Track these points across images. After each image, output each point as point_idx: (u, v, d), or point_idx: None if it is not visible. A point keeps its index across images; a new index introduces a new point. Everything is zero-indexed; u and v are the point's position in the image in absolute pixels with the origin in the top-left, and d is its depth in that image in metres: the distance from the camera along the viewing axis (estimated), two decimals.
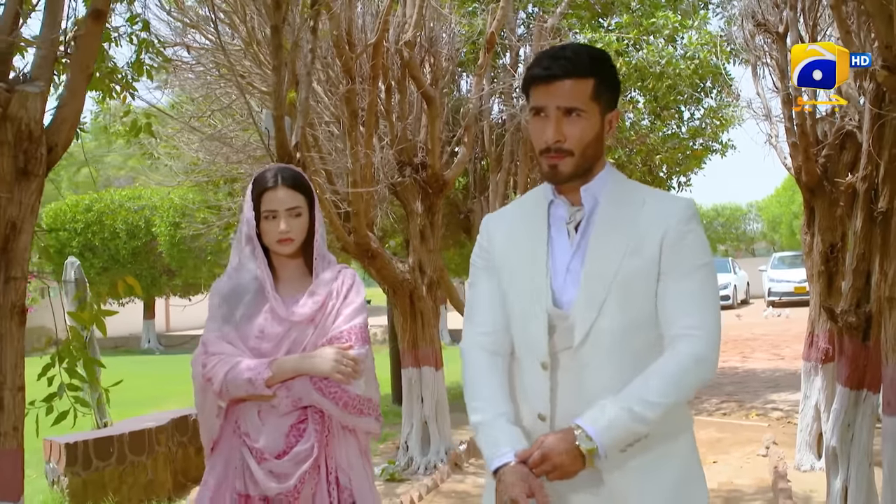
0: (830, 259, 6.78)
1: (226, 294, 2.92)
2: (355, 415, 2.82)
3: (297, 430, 2.79)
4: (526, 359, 2.24)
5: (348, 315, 2.87)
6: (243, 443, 2.81)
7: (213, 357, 2.82)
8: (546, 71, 2.14)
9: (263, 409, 2.80)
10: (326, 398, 2.77)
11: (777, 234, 48.64)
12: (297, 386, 2.77)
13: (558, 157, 2.16)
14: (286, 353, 2.82)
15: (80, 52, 3.32)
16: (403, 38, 7.61)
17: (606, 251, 2.15)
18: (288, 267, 2.95)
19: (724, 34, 10.47)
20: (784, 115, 6.87)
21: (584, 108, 2.14)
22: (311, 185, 2.95)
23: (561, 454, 2.04)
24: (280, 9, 5.34)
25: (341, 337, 2.83)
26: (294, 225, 2.85)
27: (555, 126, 2.13)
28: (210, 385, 2.79)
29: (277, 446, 2.77)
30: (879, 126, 4.43)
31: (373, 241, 7.74)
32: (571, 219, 2.24)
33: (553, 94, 2.13)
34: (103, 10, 3.37)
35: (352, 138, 7.19)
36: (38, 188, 3.11)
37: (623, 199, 2.22)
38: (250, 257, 2.93)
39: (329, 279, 2.91)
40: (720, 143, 12.11)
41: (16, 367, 3.05)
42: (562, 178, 2.19)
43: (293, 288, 2.92)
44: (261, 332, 2.84)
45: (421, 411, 8.14)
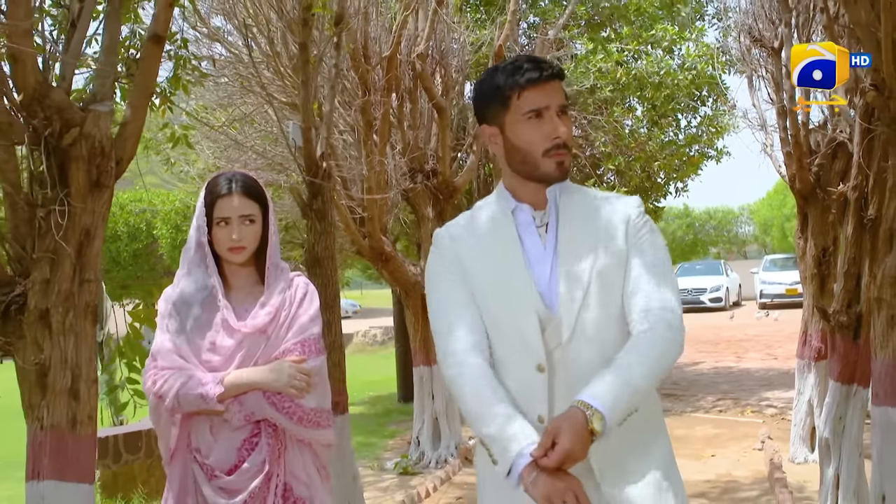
0: (823, 262, 7.08)
1: (175, 302, 2.82)
2: (311, 428, 2.76)
3: (249, 443, 2.71)
4: (518, 363, 2.21)
5: (302, 326, 2.79)
6: (194, 459, 2.73)
7: (163, 372, 2.72)
8: (542, 72, 2.19)
9: (216, 423, 2.73)
10: (280, 413, 2.70)
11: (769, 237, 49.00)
12: (249, 400, 2.68)
13: (565, 154, 2.21)
14: (238, 366, 2.72)
15: (142, 73, 3.60)
16: (416, 51, 7.91)
17: (578, 249, 2.20)
18: (239, 275, 2.86)
19: (721, 45, 10.82)
20: (779, 125, 7.18)
21: (569, 107, 2.26)
22: (266, 193, 2.87)
23: (576, 442, 1.97)
24: (307, 26, 5.64)
25: (294, 350, 2.75)
26: (247, 233, 2.77)
27: (562, 123, 2.20)
28: (161, 402, 2.70)
29: (229, 461, 2.69)
30: (869, 139, 4.73)
31: (386, 244, 8.05)
32: (541, 221, 2.27)
33: (551, 93, 2.19)
34: (162, 34, 3.64)
35: (367, 147, 7.48)
36: (109, 198, 3.40)
37: (580, 200, 2.29)
38: (200, 265, 2.82)
39: (281, 288, 2.82)
40: (715, 150, 12.44)
41: (89, 361, 3.32)
42: (567, 174, 2.24)
43: (244, 297, 2.83)
44: (212, 344, 2.74)
45: (432, 408, 8.43)
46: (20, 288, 3.28)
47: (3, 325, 3.31)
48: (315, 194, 5.67)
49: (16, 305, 3.29)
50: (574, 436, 1.96)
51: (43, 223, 3.24)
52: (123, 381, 3.86)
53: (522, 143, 2.21)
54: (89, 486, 3.29)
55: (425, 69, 7.98)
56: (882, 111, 4.04)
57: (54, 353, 3.22)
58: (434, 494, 7.06)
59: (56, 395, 3.22)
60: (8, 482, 8.58)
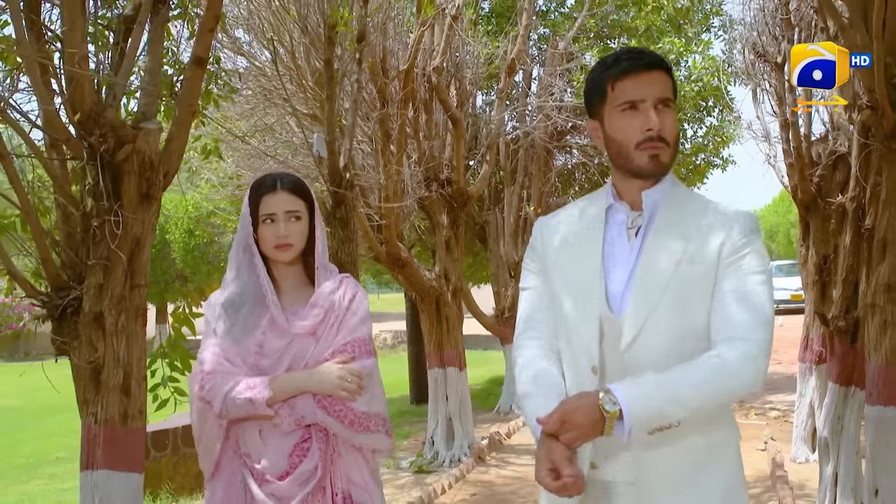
0: (823, 270, 7.29)
1: (223, 305, 2.73)
2: (362, 433, 2.63)
3: (300, 449, 2.60)
4: (575, 362, 2.18)
5: (351, 327, 2.69)
6: (244, 464, 2.62)
7: (210, 376, 2.62)
8: (639, 62, 2.13)
9: (265, 428, 2.61)
10: (331, 416, 2.59)
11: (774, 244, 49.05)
12: (299, 404, 2.58)
13: (660, 147, 2.11)
14: (287, 369, 2.63)
15: (185, 92, 3.85)
16: (432, 65, 8.17)
17: (662, 256, 2.10)
18: (288, 277, 2.76)
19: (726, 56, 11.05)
20: (782, 137, 7.41)
21: (672, 100, 2.15)
22: (312, 193, 2.78)
23: (578, 412, 1.94)
24: (332, 44, 5.90)
25: (344, 350, 2.64)
26: (293, 229, 2.68)
27: (657, 115, 2.10)
28: (209, 407, 2.60)
29: (280, 467, 2.57)
30: (866, 154, 4.97)
31: (403, 250, 8.30)
32: (632, 224, 2.19)
33: (649, 83, 2.11)
34: (204, 57, 3.88)
35: (385, 157, 7.73)
36: (157, 209, 3.65)
37: (683, 207, 2.17)
38: (248, 266, 2.73)
39: (331, 290, 2.71)
40: (721, 159, 12.69)
41: (139, 360, 3.58)
42: (663, 169, 2.14)
43: (294, 299, 2.73)
44: (260, 346, 2.65)
45: (446, 409, 8.67)
46: (75, 292, 3.53)
47: (59, 327, 3.56)
48: (338, 203, 5.94)
49: (71, 308, 3.54)
50: (578, 400, 1.96)
51: (98, 232, 3.48)
52: (165, 378, 4.08)
53: (617, 135, 2.16)
54: (139, 475, 3.54)
55: (441, 82, 8.23)
56: (877, 128, 4.27)
57: (107, 353, 3.46)
58: (449, 491, 7.30)
59: (109, 391, 3.47)
60: (5, 481, 8.85)
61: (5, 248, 3.53)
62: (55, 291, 3.57)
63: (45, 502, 7.66)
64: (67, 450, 10.56)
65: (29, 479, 8.91)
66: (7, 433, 12.31)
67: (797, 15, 7.09)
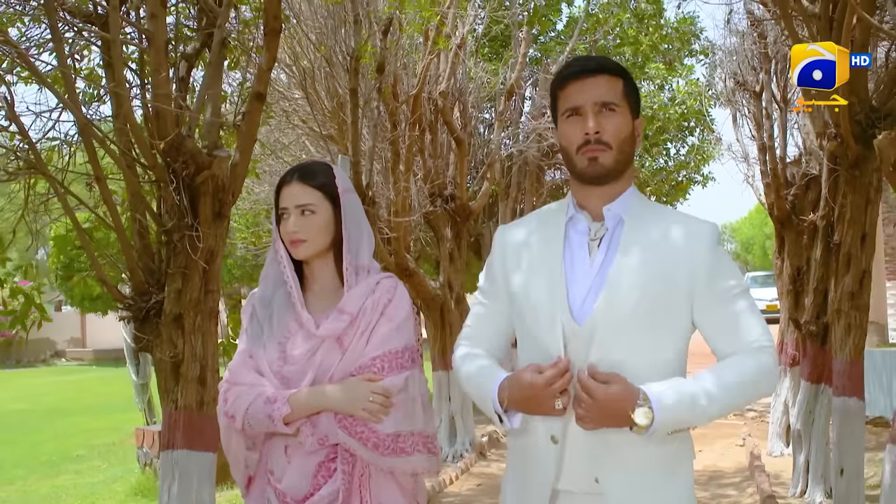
0: (797, 280, 7.91)
1: (255, 306, 2.55)
2: (389, 456, 2.34)
3: (325, 469, 2.37)
4: None
5: (383, 337, 2.39)
6: (268, 482, 2.44)
7: (235, 389, 2.43)
8: (581, 68, 2.12)
9: (291, 445, 2.40)
10: (353, 438, 2.33)
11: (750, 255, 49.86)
12: (322, 422, 2.34)
13: (598, 150, 2.06)
14: (312, 382, 2.38)
15: (247, 124, 4.38)
16: (438, 89, 8.74)
17: (634, 272, 2.03)
18: (320, 278, 2.50)
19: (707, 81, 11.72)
20: (760, 159, 8.05)
21: (617, 103, 2.09)
22: (339, 183, 2.47)
23: (610, 405, 1.94)
24: (357, 74, 6.46)
25: (372, 366, 2.36)
26: (305, 224, 2.41)
27: (594, 118, 2.06)
28: (233, 422, 2.41)
29: (303, 488, 2.36)
30: (834, 178, 5.57)
31: (410, 261, 8.84)
32: (595, 235, 2.12)
33: (589, 88, 2.09)
34: (263, 93, 4.42)
35: (395, 175, 8.29)
36: (227, 225, 4.18)
37: (648, 221, 2.11)
38: (275, 261, 2.52)
39: (362, 293, 2.41)
40: (702, 176, 13.34)
41: (213, 355, 4.09)
42: (602, 172, 2.08)
43: (324, 302, 2.47)
44: (282, 352, 2.43)
45: (449, 408, 9.22)
46: (156, 297, 4.06)
47: (142, 326, 4.09)
48: None
49: (154, 310, 4.07)
50: (619, 392, 1.94)
51: (178, 245, 4.00)
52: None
53: (562, 142, 2.13)
54: (213, 455, 4.04)
55: (446, 105, 8.80)
56: (842, 158, 4.88)
57: (186, 349, 3.97)
58: (456, 482, 7.87)
59: (188, 382, 3.98)
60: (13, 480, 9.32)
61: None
62: (139, 296, 4.10)
63: (77, 494, 8.13)
64: (86, 448, 11.04)
65: (56, 474, 9.38)
66: (25, 434, 12.76)
67: (774, 48, 7.72)
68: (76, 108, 3.85)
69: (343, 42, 6.76)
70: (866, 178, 4.74)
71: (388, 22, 6.79)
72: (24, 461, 10.22)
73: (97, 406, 15.75)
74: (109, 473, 8.99)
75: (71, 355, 30.78)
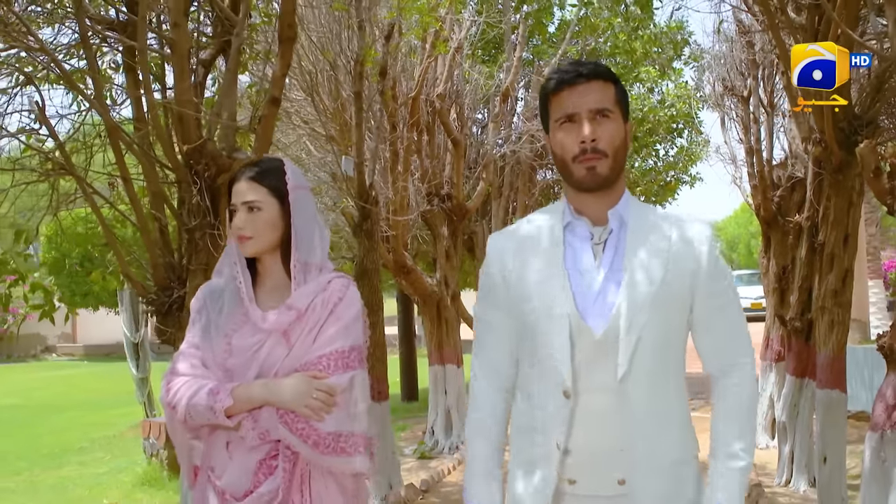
0: (783, 278, 8.17)
1: (205, 297, 2.50)
2: (329, 455, 2.31)
3: (266, 466, 2.33)
4: (544, 386, 2.08)
5: (331, 336, 2.36)
6: (208, 479, 2.38)
7: (177, 379, 2.38)
8: (573, 74, 2.07)
9: (233, 441, 2.34)
10: (293, 434, 2.29)
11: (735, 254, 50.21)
12: (264, 417, 2.29)
13: (595, 158, 2.03)
14: (257, 375, 2.34)
15: (264, 128, 4.58)
16: (436, 92, 8.96)
17: (646, 275, 2.04)
18: (271, 274, 2.47)
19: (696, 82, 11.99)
20: (747, 162, 8.32)
21: (611, 110, 2.07)
22: (290, 180, 2.44)
23: None
24: (362, 78, 6.67)
25: (318, 364, 2.33)
26: (251, 221, 2.38)
27: (589, 125, 2.04)
28: (175, 412, 2.34)
29: (242, 485, 2.32)
30: (819, 181, 5.83)
31: (408, 258, 9.07)
32: (599, 238, 2.10)
33: (583, 95, 2.05)
34: (278, 97, 4.62)
35: (394, 175, 8.50)
36: None
37: (650, 224, 2.11)
38: (230, 257, 2.48)
39: (312, 290, 2.40)
40: (690, 177, 13.61)
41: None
42: (599, 181, 2.06)
43: (275, 299, 2.43)
44: (228, 344, 2.39)
45: (445, 401, 9.45)
46: (177, 292, 4.27)
47: (165, 319, 4.30)
48: (365, 217, 6.70)
49: (176, 304, 4.27)
50: None
51: (200, 242, 4.21)
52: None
53: (557, 150, 2.09)
54: None
55: (444, 107, 9.02)
56: (826, 162, 5.13)
57: None
58: (454, 472, 8.10)
59: None
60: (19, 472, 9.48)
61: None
62: (161, 291, 4.31)
63: (83, 484, 8.31)
64: (87, 441, 11.22)
65: (59, 466, 9.55)
66: (21, 428, 12.89)
67: (761, 55, 7.98)
68: (105, 112, 4.05)
69: (347, 47, 6.96)
70: (849, 182, 4.98)
71: (390, 27, 7.00)
72: (25, 454, 10.37)
73: (91, 401, 15.87)
74: (113, 465, 9.17)
75: (61, 350, 30.86)
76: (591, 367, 2.02)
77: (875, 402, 3.63)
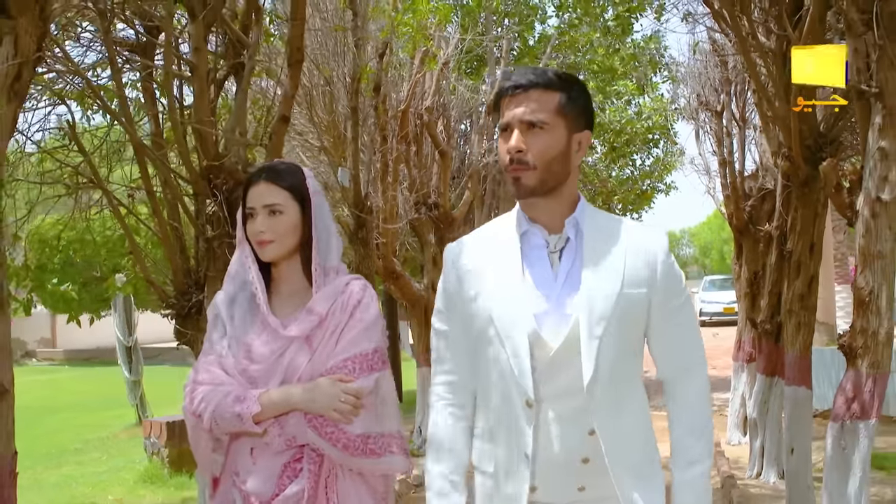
0: (754, 283, 8.57)
1: (220, 306, 2.47)
2: (359, 457, 2.32)
3: (291, 469, 2.33)
4: (504, 394, 2.07)
5: (353, 339, 2.35)
6: (233, 483, 2.38)
7: (200, 388, 2.35)
8: (511, 84, 2.05)
9: (257, 446, 2.34)
10: (323, 438, 2.29)
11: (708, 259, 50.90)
12: (291, 423, 2.29)
13: (520, 170, 2.02)
14: (281, 382, 2.33)
15: (273, 144, 4.89)
16: (424, 104, 9.30)
17: (604, 284, 2.03)
18: (289, 279, 2.44)
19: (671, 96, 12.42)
20: (720, 173, 8.73)
21: (546, 121, 2.02)
22: (306, 184, 2.43)
23: None
24: (357, 94, 7.00)
25: (343, 368, 2.32)
26: (273, 225, 2.35)
27: (516, 137, 2.01)
28: (200, 421, 2.32)
29: (268, 489, 2.31)
30: (787, 193, 6.22)
31: (396, 265, 9.41)
32: (555, 247, 2.09)
33: (518, 105, 2.02)
34: (287, 115, 4.93)
35: (384, 184, 8.84)
36: None
37: (606, 232, 2.10)
38: (243, 263, 2.45)
39: (331, 294, 2.38)
40: (665, 185, 14.05)
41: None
42: (524, 192, 2.04)
43: (292, 303, 2.41)
44: (248, 351, 2.37)
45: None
46: (196, 297, 4.57)
47: (184, 322, 4.59)
48: (360, 225, 7.03)
49: (194, 308, 4.58)
50: None
51: (217, 250, 4.51)
52: None
53: (500, 159, 2.10)
54: None
55: (432, 119, 9.37)
56: (793, 176, 5.51)
57: None
58: None
59: None
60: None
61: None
62: (181, 296, 4.61)
63: (86, 482, 8.55)
64: (81, 443, 11.41)
65: (59, 465, 9.75)
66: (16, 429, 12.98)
67: (734, 72, 8.39)
68: (133, 131, 4.36)
69: (343, 63, 7.29)
70: (815, 195, 5.36)
71: (384, 46, 7.34)
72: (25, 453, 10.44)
73: (79, 404, 15.99)
74: (111, 464, 9.40)
75: (42, 355, 30.81)
76: (551, 378, 2.03)
77: (836, 395, 4.00)
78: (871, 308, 3.71)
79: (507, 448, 2.06)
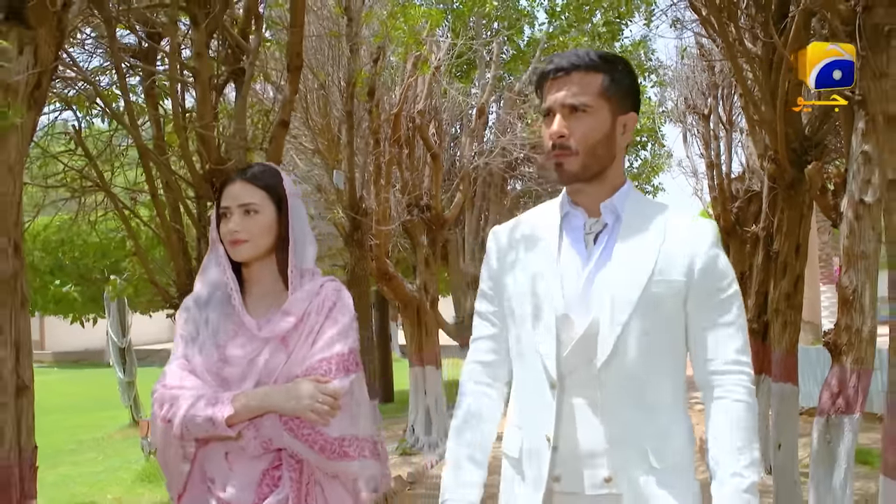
0: (741, 283, 8.63)
1: (190, 308, 2.38)
2: (336, 460, 2.24)
3: (270, 477, 2.25)
4: (533, 376, 2.06)
5: (328, 340, 2.30)
6: (209, 490, 2.27)
7: (171, 392, 2.26)
8: (553, 67, 2.01)
9: (232, 451, 2.24)
10: (299, 441, 2.21)
11: None
12: (266, 425, 2.21)
13: (563, 155, 1.98)
14: (256, 383, 2.25)
15: (273, 148, 4.99)
16: (416, 108, 9.41)
17: (633, 270, 1.97)
18: (261, 280, 2.37)
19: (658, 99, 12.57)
20: (707, 175, 8.87)
21: (589, 104, 1.97)
22: (283, 185, 2.37)
23: None
24: (352, 99, 7.11)
25: (319, 368, 2.25)
26: (248, 224, 2.29)
27: (558, 121, 1.97)
28: (170, 427, 2.22)
29: (247, 497, 2.23)
30: (773, 195, 6.36)
31: (389, 266, 9.50)
32: (590, 230, 2.05)
33: (559, 88, 1.99)
34: (287, 120, 5.02)
35: (377, 187, 8.94)
36: None
37: (646, 219, 2.03)
38: (217, 264, 2.38)
39: (307, 295, 2.34)
40: (653, 187, 14.19)
41: None
42: (567, 178, 2.01)
43: (265, 304, 2.35)
44: (223, 353, 2.29)
45: (425, 401, 9.89)
46: None
47: None
48: (356, 227, 7.13)
49: None
50: None
51: None
52: None
53: (543, 143, 2.06)
54: None
55: (424, 123, 9.48)
56: (779, 179, 5.65)
57: None
58: (435, 467, 8.54)
59: None
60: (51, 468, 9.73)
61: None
62: (183, 296, 4.69)
63: (83, 482, 8.62)
64: (75, 443, 11.47)
65: (55, 465, 9.78)
66: None
67: (721, 76, 8.53)
68: (138, 136, 4.45)
69: (337, 67, 7.39)
70: (800, 197, 5.50)
71: (379, 51, 7.45)
72: None
73: (71, 405, 16.01)
74: (108, 464, 9.48)
75: None
76: (576, 362, 1.98)
77: (822, 391, 4.13)
78: (855, 306, 3.84)
79: (531, 432, 2.04)
